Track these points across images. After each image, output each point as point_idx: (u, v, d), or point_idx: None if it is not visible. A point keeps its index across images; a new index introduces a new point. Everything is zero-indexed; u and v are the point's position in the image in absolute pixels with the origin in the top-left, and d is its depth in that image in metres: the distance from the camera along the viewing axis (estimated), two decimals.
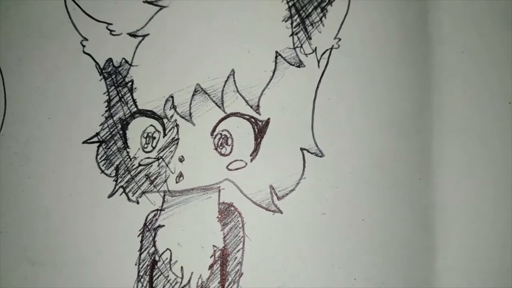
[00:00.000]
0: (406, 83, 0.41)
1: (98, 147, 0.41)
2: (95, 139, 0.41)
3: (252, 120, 0.40)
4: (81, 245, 0.40)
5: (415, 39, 0.41)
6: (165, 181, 0.40)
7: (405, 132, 0.40)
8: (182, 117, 0.40)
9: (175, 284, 0.39)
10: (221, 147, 0.40)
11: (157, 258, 0.39)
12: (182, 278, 0.39)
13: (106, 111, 0.41)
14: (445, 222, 0.40)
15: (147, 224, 0.40)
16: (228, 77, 0.40)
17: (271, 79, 0.40)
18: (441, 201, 0.40)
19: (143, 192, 0.40)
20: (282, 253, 0.39)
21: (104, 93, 0.41)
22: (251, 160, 0.40)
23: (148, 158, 0.40)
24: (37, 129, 0.41)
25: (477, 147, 0.41)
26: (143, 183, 0.40)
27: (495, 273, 0.40)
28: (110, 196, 0.40)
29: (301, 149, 0.40)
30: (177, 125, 0.40)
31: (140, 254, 0.40)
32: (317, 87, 0.40)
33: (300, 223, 0.40)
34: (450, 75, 0.41)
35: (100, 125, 0.41)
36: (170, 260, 0.39)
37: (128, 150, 0.41)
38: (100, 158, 0.41)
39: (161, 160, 0.40)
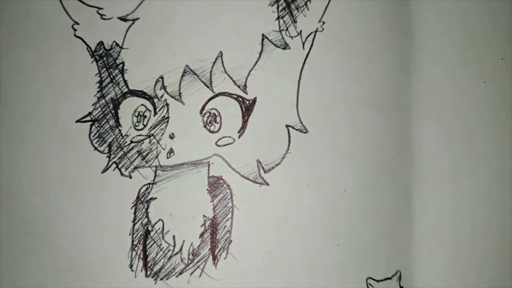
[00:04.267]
0: (387, 63, 0.42)
1: (91, 125, 0.41)
2: (88, 118, 0.41)
3: (240, 99, 0.41)
4: (77, 217, 0.40)
5: (396, 21, 0.42)
6: (157, 156, 0.41)
7: (385, 109, 0.42)
8: (172, 97, 0.41)
9: (168, 251, 0.40)
10: (210, 125, 0.41)
11: (150, 228, 0.40)
12: (174, 246, 0.40)
13: (98, 91, 0.41)
14: (422, 192, 0.41)
15: (140, 197, 0.40)
16: (216, 59, 0.41)
17: (257, 61, 0.41)
18: (419, 174, 0.42)
19: (136, 167, 0.41)
20: (269, 222, 0.40)
21: (96, 75, 0.41)
22: (239, 137, 0.41)
23: (140, 135, 0.41)
24: (32, 109, 0.41)
25: (453, 122, 0.42)
26: (135, 159, 0.41)
27: (468, 238, 0.41)
28: (103, 171, 0.41)
29: (287, 126, 0.41)
30: (167, 104, 0.41)
31: (134, 225, 0.40)
32: (302, 68, 0.41)
33: (286, 193, 0.41)
34: (428, 56, 0.42)
35: (93, 105, 0.41)
36: (163, 229, 0.40)
37: (120, 128, 0.41)
38: (93, 136, 0.41)
39: (152, 137, 0.41)
